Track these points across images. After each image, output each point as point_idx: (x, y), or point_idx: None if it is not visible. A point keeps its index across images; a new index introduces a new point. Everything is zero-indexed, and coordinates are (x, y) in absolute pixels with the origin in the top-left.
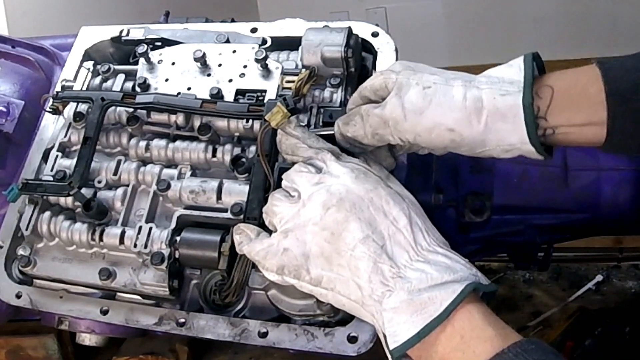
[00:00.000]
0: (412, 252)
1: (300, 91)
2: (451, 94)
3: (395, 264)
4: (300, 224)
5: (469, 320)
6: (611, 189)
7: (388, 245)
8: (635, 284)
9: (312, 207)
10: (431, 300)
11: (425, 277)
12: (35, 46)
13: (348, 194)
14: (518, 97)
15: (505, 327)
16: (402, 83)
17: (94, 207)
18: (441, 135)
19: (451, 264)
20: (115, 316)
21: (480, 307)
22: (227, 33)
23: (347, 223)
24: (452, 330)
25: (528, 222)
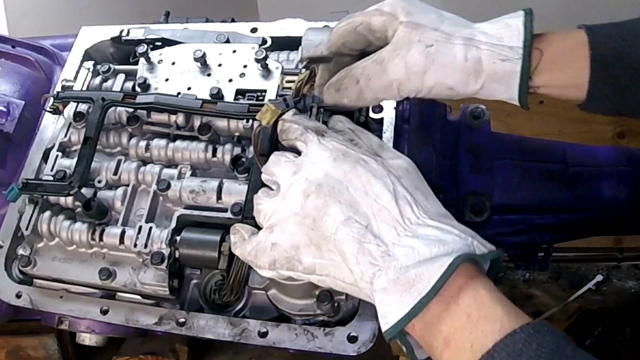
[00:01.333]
0: (399, 228)
1: (300, 91)
2: (452, 53)
3: (382, 242)
4: (283, 216)
5: (475, 298)
6: (611, 189)
7: (373, 224)
8: (635, 284)
9: (293, 197)
10: (419, 277)
11: (413, 253)
12: (35, 46)
13: (326, 178)
14: (517, 65)
15: (514, 307)
16: (403, 39)
17: (94, 207)
18: (440, 92)
19: (442, 236)
20: (115, 316)
21: (487, 285)
22: (227, 33)
23: (327, 207)
24: (457, 309)
25: (528, 222)
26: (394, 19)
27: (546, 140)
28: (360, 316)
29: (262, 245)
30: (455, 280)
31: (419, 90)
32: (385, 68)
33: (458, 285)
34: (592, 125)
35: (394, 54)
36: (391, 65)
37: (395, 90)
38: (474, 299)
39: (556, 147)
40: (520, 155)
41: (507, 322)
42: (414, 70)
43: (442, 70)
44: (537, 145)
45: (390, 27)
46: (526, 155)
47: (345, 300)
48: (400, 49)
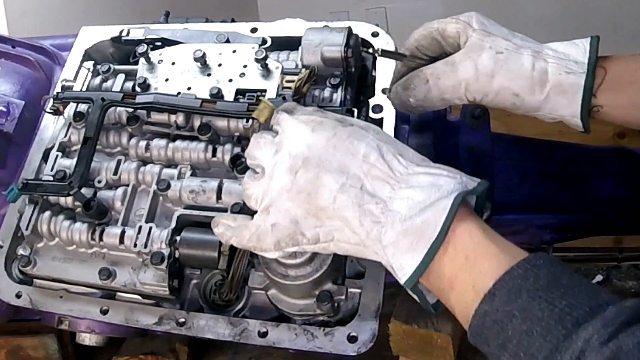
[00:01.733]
0: (392, 182)
1: (300, 91)
2: (521, 62)
3: (380, 199)
4: (275, 196)
5: (470, 238)
6: (611, 189)
7: (367, 183)
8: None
9: (280, 176)
10: (425, 223)
11: (413, 202)
12: (35, 46)
13: (310, 150)
14: (581, 78)
15: (508, 244)
16: (476, 44)
17: (94, 206)
18: (506, 98)
19: (434, 180)
20: (115, 316)
21: (479, 224)
22: (227, 33)
23: (319, 179)
24: (454, 252)
25: (528, 222)
26: (468, 26)
27: (546, 140)
28: (360, 316)
29: (262, 229)
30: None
31: (486, 93)
32: (456, 69)
33: (452, 227)
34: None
35: (465, 56)
36: (462, 66)
37: (462, 91)
38: (469, 239)
39: (556, 147)
40: (520, 155)
41: (503, 260)
42: (483, 72)
43: (509, 76)
44: (537, 145)
45: (464, 34)
46: (526, 156)
47: (345, 300)
48: (472, 52)
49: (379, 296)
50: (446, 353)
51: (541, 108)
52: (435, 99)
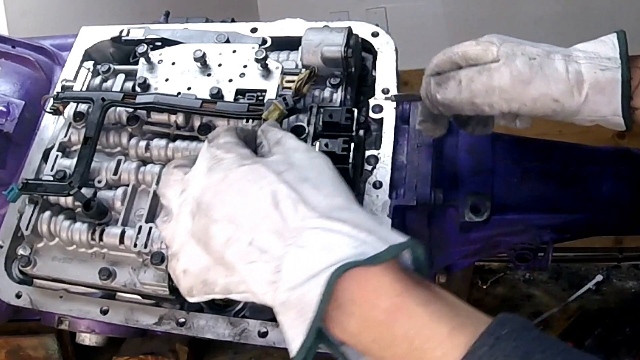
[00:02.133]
0: (284, 237)
1: (300, 91)
2: (554, 66)
3: (272, 257)
4: (183, 241)
5: (411, 319)
6: (611, 189)
7: (257, 237)
8: (635, 284)
9: (184, 218)
10: (302, 298)
11: (298, 270)
12: (35, 46)
13: (202, 194)
14: (617, 73)
15: (459, 311)
16: (508, 53)
17: (94, 207)
18: (545, 104)
19: (328, 241)
20: (115, 316)
21: (421, 296)
22: (227, 33)
23: (208, 229)
24: (391, 336)
25: (528, 222)
26: (491, 45)
27: (546, 140)
28: None
29: (175, 274)
30: (375, 296)
31: (523, 102)
32: (491, 75)
33: (387, 308)
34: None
35: (499, 64)
36: (497, 73)
37: (495, 98)
38: (409, 321)
39: (556, 147)
40: (520, 155)
41: (460, 339)
42: (519, 78)
43: (546, 81)
44: (537, 145)
45: (488, 53)
46: (526, 156)
47: None
48: (506, 60)
49: None
50: None
51: (580, 111)
52: (465, 101)
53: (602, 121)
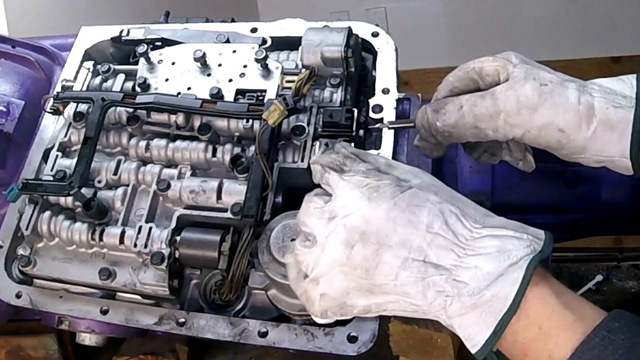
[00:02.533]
0: (457, 249)
1: (300, 91)
2: (566, 95)
3: (444, 269)
4: (327, 268)
5: (544, 307)
6: (611, 189)
7: (430, 254)
8: (635, 284)
9: (333, 248)
10: (495, 297)
11: (481, 274)
12: (35, 46)
13: (368, 224)
14: (630, 112)
15: (581, 305)
16: (519, 76)
17: (94, 207)
18: (550, 134)
19: (502, 245)
20: (115, 316)
21: (552, 287)
22: (227, 33)
23: (379, 256)
24: (527, 321)
25: (528, 222)
26: (508, 63)
27: None
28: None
29: (311, 295)
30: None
31: (528, 129)
32: (496, 98)
33: (524, 295)
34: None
35: (507, 87)
36: (502, 97)
37: (500, 122)
38: (542, 308)
39: None
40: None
41: (579, 328)
42: (526, 104)
43: (554, 109)
44: None
45: (504, 70)
46: None
47: None
48: (515, 83)
49: None
50: (446, 353)
51: (587, 148)
52: (468, 126)
53: (609, 162)
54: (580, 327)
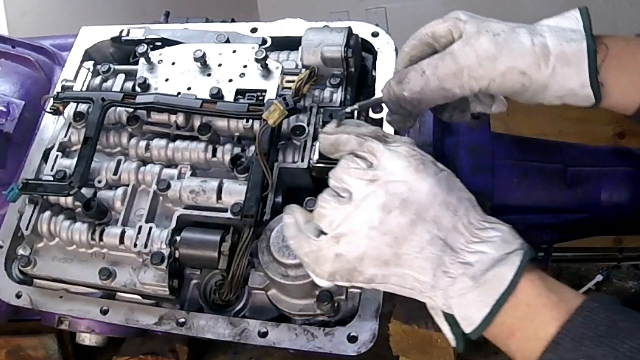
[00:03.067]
0: (467, 234)
1: (300, 91)
2: (519, 40)
3: (453, 251)
4: (355, 228)
5: (532, 289)
6: (611, 189)
7: (448, 236)
8: (635, 284)
9: (368, 209)
10: (495, 277)
11: (486, 257)
12: (35, 46)
13: (412, 193)
14: (582, 44)
15: (565, 290)
16: (472, 31)
17: (94, 206)
18: (514, 78)
19: (503, 237)
20: (115, 316)
21: (538, 274)
22: (227, 33)
23: (414, 227)
24: (516, 301)
25: (528, 222)
26: (458, 21)
27: (546, 140)
28: (360, 316)
29: (324, 253)
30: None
31: (492, 78)
32: (456, 56)
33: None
34: (592, 126)
35: (464, 43)
36: (461, 54)
37: (465, 78)
38: (531, 290)
39: (556, 147)
40: (520, 155)
41: (563, 308)
42: (485, 56)
43: (513, 55)
44: (537, 145)
45: (455, 29)
46: (526, 155)
47: (345, 300)
48: (470, 39)
49: (379, 296)
50: (446, 353)
51: (549, 86)
52: (434, 89)
53: (571, 96)
54: (565, 307)
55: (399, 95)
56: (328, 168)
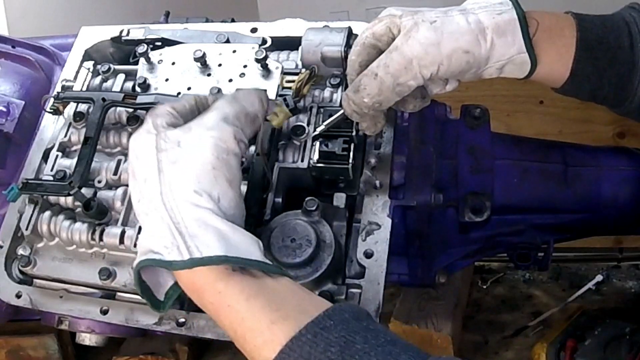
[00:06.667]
0: (142, 208)
1: (301, 91)
2: (455, 22)
3: (141, 219)
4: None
5: (232, 313)
6: (611, 189)
7: (141, 199)
8: (635, 284)
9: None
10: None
11: (141, 241)
12: (35, 46)
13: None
14: (512, 13)
15: (285, 305)
16: (409, 24)
17: (94, 206)
18: (459, 58)
19: (152, 231)
20: (115, 316)
21: (241, 292)
22: (227, 33)
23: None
24: (222, 324)
25: (528, 222)
26: (393, 17)
27: (546, 140)
28: None
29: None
30: (202, 291)
31: (439, 62)
32: (402, 51)
33: (209, 299)
34: (592, 125)
35: (405, 37)
36: (406, 47)
37: (416, 68)
38: (230, 314)
39: (556, 147)
40: (520, 155)
41: (279, 330)
42: (428, 43)
43: (453, 37)
44: (537, 145)
45: (393, 25)
46: (526, 155)
47: (345, 300)
48: (410, 31)
49: (379, 296)
50: (446, 353)
51: (490, 58)
52: (391, 87)
53: (509, 65)
54: (284, 327)
55: (359, 104)
56: (328, 168)
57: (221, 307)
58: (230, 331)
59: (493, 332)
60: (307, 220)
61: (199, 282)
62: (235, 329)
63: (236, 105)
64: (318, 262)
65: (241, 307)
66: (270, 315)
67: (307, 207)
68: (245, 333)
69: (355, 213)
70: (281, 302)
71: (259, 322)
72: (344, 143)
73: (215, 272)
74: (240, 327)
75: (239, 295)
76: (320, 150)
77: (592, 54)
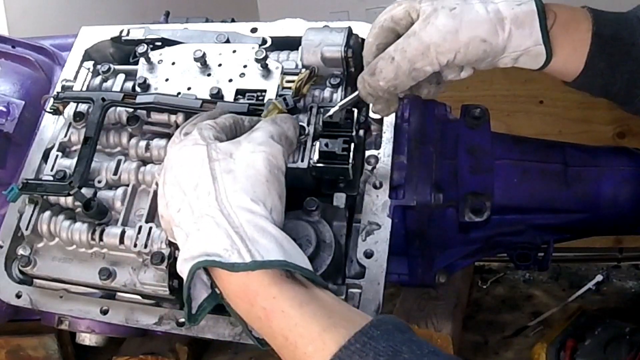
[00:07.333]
0: (195, 214)
1: (300, 91)
2: (475, 10)
3: (183, 227)
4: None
5: (285, 319)
6: (611, 189)
7: (183, 207)
8: (635, 284)
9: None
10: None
11: (192, 247)
12: (35, 46)
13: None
14: (531, 5)
15: (334, 313)
16: (428, 10)
17: (94, 206)
18: (476, 47)
19: (210, 235)
20: (115, 316)
21: (294, 297)
22: (227, 33)
23: (162, 187)
24: (271, 331)
25: (528, 222)
26: (413, 2)
27: (546, 140)
28: None
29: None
30: (254, 296)
31: (457, 50)
32: (419, 37)
33: (261, 305)
34: (592, 125)
35: (424, 23)
36: (424, 33)
37: (433, 54)
38: (283, 320)
39: (556, 147)
40: (520, 155)
41: (330, 338)
42: (447, 30)
43: (472, 25)
44: (537, 145)
45: (413, 10)
46: (526, 155)
47: (345, 300)
48: (429, 17)
49: (379, 296)
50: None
51: (507, 48)
52: (407, 72)
53: (525, 56)
54: (334, 335)
55: (375, 87)
56: (328, 168)
57: (274, 312)
58: (280, 337)
59: (493, 332)
60: (307, 220)
61: (253, 286)
62: (287, 335)
63: (278, 127)
64: (318, 262)
65: (295, 313)
66: (322, 322)
67: (307, 207)
68: (296, 340)
69: (355, 213)
70: (330, 311)
71: (310, 329)
72: (344, 143)
73: (270, 276)
74: (292, 333)
75: (292, 301)
76: (320, 150)
77: (606, 50)
